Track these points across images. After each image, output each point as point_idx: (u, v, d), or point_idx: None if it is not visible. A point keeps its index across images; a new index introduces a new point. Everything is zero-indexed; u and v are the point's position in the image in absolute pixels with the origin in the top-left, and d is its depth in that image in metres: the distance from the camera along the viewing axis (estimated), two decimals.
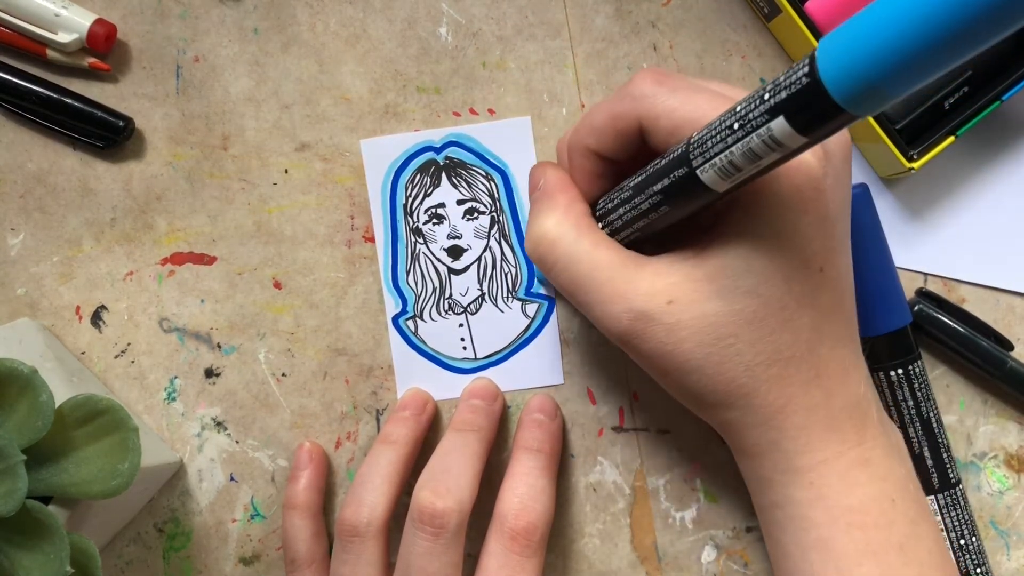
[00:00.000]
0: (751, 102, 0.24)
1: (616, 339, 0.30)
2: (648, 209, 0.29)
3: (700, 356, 0.29)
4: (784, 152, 0.24)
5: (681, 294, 0.28)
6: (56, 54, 0.38)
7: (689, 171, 0.26)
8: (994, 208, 0.38)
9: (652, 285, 0.29)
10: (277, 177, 0.39)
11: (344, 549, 0.34)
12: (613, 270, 0.29)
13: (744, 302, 0.28)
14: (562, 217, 0.31)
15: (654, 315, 0.29)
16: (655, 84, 0.29)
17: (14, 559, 0.29)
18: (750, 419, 0.30)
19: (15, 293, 0.39)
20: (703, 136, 0.26)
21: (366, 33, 0.39)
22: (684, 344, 0.29)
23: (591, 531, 0.39)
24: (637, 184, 0.29)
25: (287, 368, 0.39)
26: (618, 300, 0.29)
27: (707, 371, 0.29)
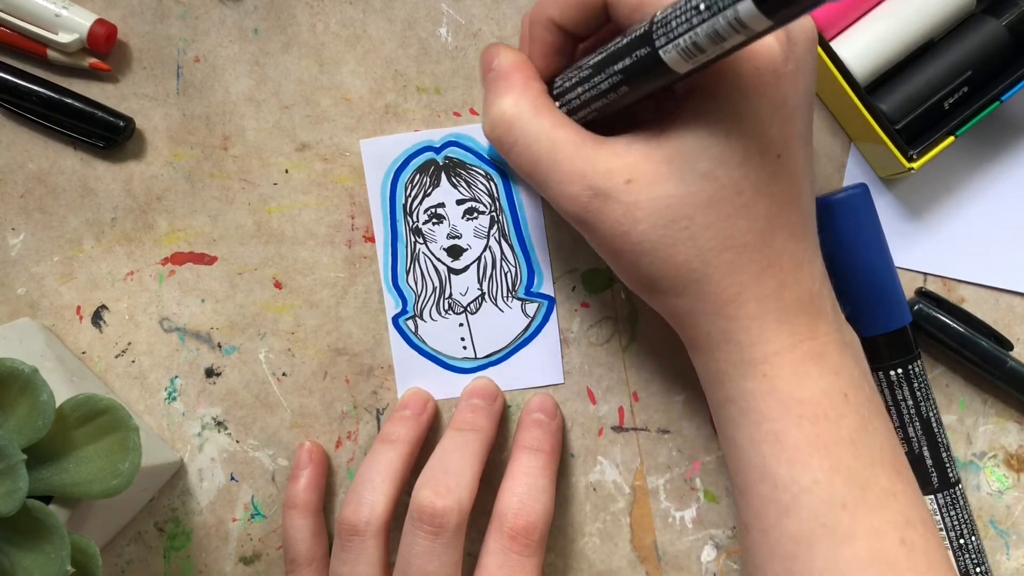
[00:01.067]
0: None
1: (573, 218, 0.30)
2: (608, 89, 0.29)
3: (654, 237, 0.28)
4: (749, 35, 0.24)
5: (639, 174, 0.28)
6: (56, 54, 0.38)
7: (651, 51, 0.26)
8: (994, 208, 0.38)
9: (610, 164, 0.29)
10: (277, 177, 0.39)
11: (344, 548, 0.34)
12: (571, 149, 0.29)
13: (700, 185, 0.28)
14: (519, 96, 0.31)
15: (612, 193, 0.28)
16: None
17: (14, 559, 0.29)
18: (701, 306, 0.29)
19: (15, 293, 0.39)
20: (667, 16, 0.25)
21: (366, 33, 0.39)
22: (640, 225, 0.28)
23: (591, 531, 0.39)
24: (597, 63, 0.29)
25: (287, 368, 0.39)
26: (576, 179, 0.29)
27: (660, 253, 0.29)
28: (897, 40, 0.36)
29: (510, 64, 0.32)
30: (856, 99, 0.35)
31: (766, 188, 0.28)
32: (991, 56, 0.36)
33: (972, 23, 0.36)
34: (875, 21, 0.36)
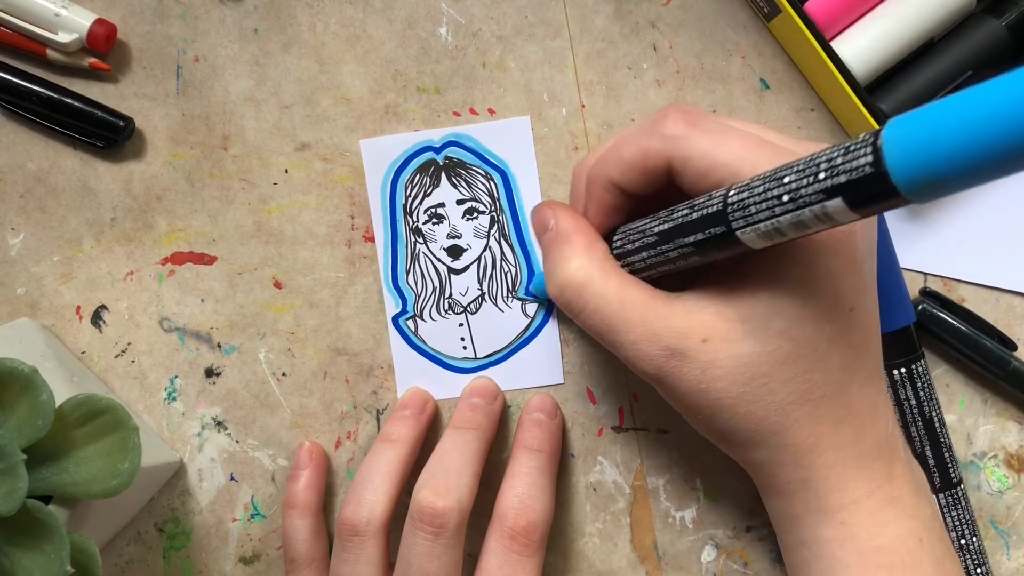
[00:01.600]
0: (803, 177, 0.23)
1: (650, 378, 0.30)
2: (676, 257, 0.29)
3: (733, 395, 0.28)
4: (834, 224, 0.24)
5: (715, 333, 0.28)
6: (56, 54, 0.38)
7: (727, 231, 0.26)
8: (994, 208, 0.38)
9: (685, 323, 0.29)
10: (277, 177, 0.39)
11: (344, 548, 0.34)
12: (644, 309, 0.29)
13: (777, 343, 0.28)
14: (586, 260, 0.31)
15: (689, 353, 0.28)
16: (687, 126, 0.29)
17: (14, 559, 0.29)
18: (780, 457, 0.29)
19: (15, 293, 0.39)
20: (744, 199, 0.25)
21: (366, 33, 0.39)
22: (718, 383, 0.28)
23: (591, 531, 0.39)
24: (664, 232, 0.29)
25: (287, 368, 0.39)
26: (651, 339, 0.29)
27: (739, 409, 0.29)
28: (897, 40, 0.36)
29: (570, 226, 0.32)
30: (856, 99, 0.35)
31: (841, 340, 0.29)
32: (991, 56, 0.36)
33: (972, 23, 0.36)
34: (875, 21, 0.36)
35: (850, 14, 0.36)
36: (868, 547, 0.29)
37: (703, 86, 0.39)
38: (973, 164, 0.18)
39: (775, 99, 0.39)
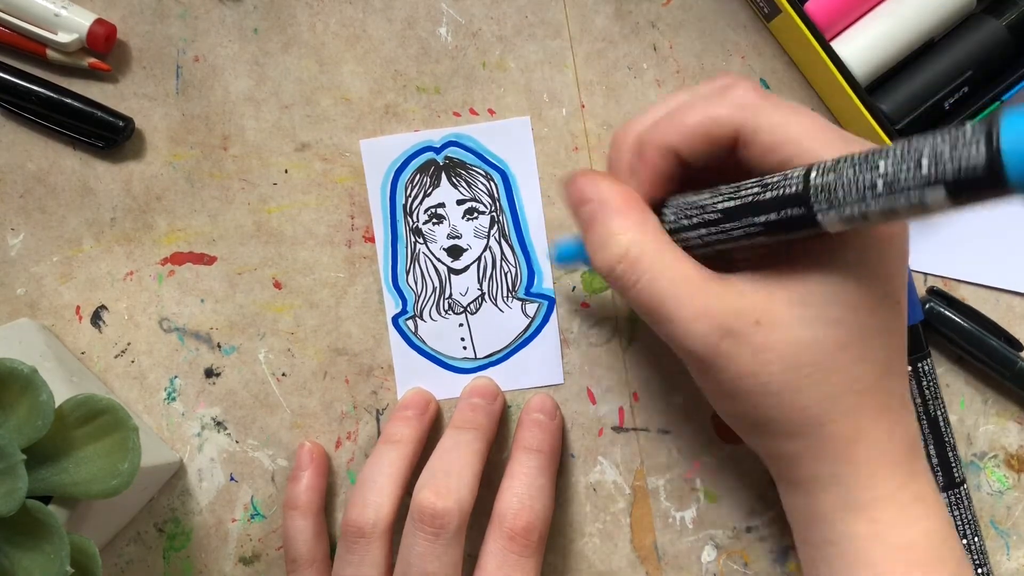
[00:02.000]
0: (902, 165, 0.23)
1: (699, 356, 0.29)
2: (741, 236, 0.28)
3: (781, 381, 0.28)
4: (927, 214, 0.23)
5: (768, 316, 0.28)
6: (56, 54, 0.38)
7: (807, 212, 0.26)
8: (994, 208, 0.38)
9: (739, 303, 0.28)
10: (277, 177, 0.39)
11: (349, 550, 0.34)
12: (699, 286, 0.28)
13: (829, 330, 0.27)
14: (639, 232, 0.29)
15: (743, 334, 0.28)
16: (759, 96, 0.28)
17: (14, 559, 0.29)
18: (816, 450, 0.29)
19: (15, 293, 0.39)
20: (830, 183, 0.25)
21: (366, 33, 0.39)
22: (769, 367, 0.28)
23: (591, 531, 0.39)
24: (729, 209, 0.28)
25: (287, 368, 0.39)
26: (705, 318, 0.28)
27: (785, 396, 0.28)
28: (897, 40, 0.36)
29: (620, 198, 0.30)
30: (856, 99, 0.35)
31: (886, 332, 0.28)
32: (991, 56, 0.36)
33: (972, 23, 0.36)
34: (875, 21, 0.36)
35: (850, 14, 0.36)
36: (896, 544, 0.29)
37: None
38: None
39: None
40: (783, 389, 0.28)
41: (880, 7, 0.36)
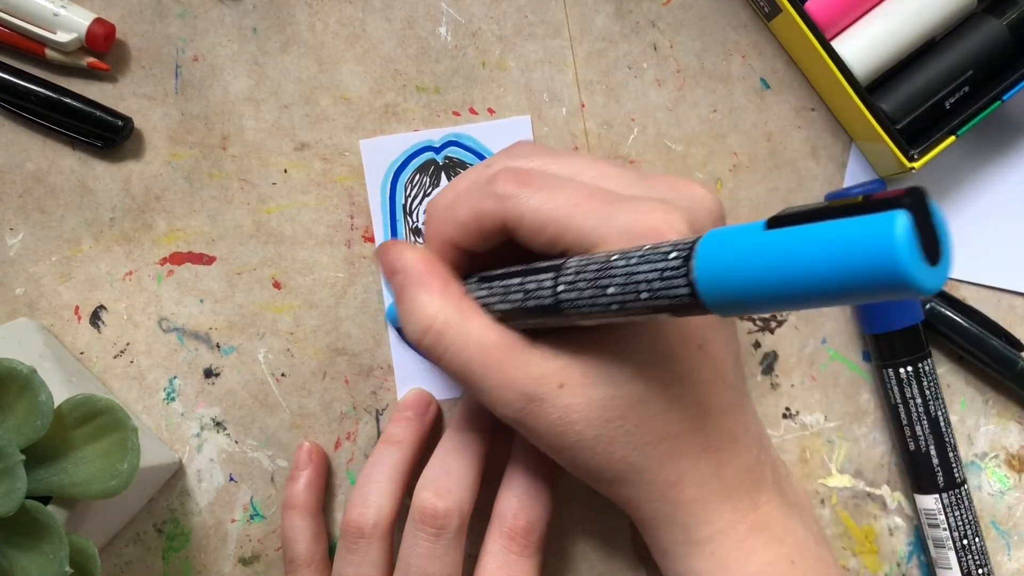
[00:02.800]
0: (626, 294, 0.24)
1: (509, 421, 0.30)
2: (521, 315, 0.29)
3: (591, 436, 0.29)
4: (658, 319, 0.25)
5: (569, 378, 0.29)
6: (55, 54, 0.38)
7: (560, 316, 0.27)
8: (994, 208, 0.38)
9: (542, 369, 0.29)
10: (276, 177, 0.39)
11: (349, 550, 0.34)
12: (502, 353, 0.29)
13: (629, 386, 0.28)
14: (442, 302, 0.30)
15: (546, 399, 0.29)
16: (518, 185, 0.29)
17: (13, 559, 0.29)
18: (645, 494, 0.30)
19: (14, 293, 0.39)
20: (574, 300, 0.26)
21: (365, 33, 0.39)
22: (575, 426, 0.29)
23: (591, 531, 0.39)
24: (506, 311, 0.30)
25: (287, 368, 0.39)
26: (509, 385, 0.29)
27: (599, 450, 0.29)
28: (898, 39, 0.36)
29: (422, 266, 0.31)
30: (857, 99, 0.35)
31: (691, 378, 0.29)
32: (992, 55, 0.35)
33: (973, 22, 0.36)
34: (876, 20, 0.36)
35: (850, 14, 0.36)
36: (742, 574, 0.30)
37: (703, 86, 0.39)
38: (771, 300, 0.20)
39: (775, 99, 0.39)
40: (595, 444, 0.29)
41: (880, 7, 0.36)
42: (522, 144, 0.33)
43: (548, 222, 0.28)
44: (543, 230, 0.28)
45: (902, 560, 0.38)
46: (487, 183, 0.30)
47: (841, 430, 0.39)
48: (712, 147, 0.39)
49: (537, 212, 0.28)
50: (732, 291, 0.21)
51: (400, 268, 0.31)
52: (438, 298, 0.30)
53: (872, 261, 0.18)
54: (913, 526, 0.38)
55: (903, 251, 0.17)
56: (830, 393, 0.39)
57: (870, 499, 0.38)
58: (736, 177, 0.39)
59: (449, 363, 0.30)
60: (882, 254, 0.18)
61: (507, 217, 0.29)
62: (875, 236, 0.18)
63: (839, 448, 0.39)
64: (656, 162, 0.39)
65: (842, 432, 0.39)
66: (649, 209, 0.27)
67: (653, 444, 0.29)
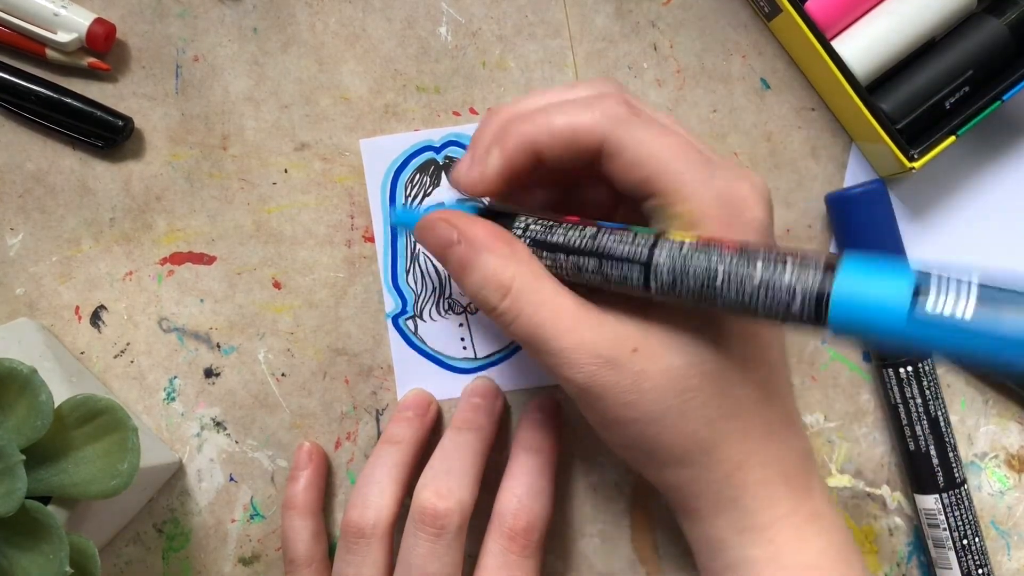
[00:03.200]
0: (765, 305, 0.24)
1: (579, 386, 0.29)
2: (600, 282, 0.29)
3: (663, 407, 0.28)
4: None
5: (645, 343, 0.28)
6: (55, 54, 0.38)
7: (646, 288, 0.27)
8: (994, 208, 0.38)
9: (616, 331, 0.28)
10: (277, 177, 0.39)
11: (349, 550, 0.34)
12: (576, 316, 0.28)
13: (706, 356, 0.28)
14: (515, 266, 0.29)
15: (620, 362, 0.28)
16: (629, 109, 0.28)
17: (13, 559, 0.29)
18: (707, 476, 0.29)
19: (14, 293, 0.39)
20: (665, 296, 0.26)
21: (365, 33, 0.39)
22: (649, 395, 0.28)
23: (591, 531, 0.39)
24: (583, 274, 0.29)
25: (287, 368, 0.39)
26: (584, 347, 0.28)
27: (668, 422, 0.28)
28: (898, 39, 0.36)
29: (491, 234, 0.30)
30: (857, 99, 0.35)
31: (766, 356, 0.29)
32: (992, 55, 0.35)
33: (973, 22, 0.36)
34: (876, 20, 0.36)
35: (850, 14, 0.36)
36: (795, 564, 0.29)
37: (703, 86, 0.39)
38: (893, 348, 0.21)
39: (775, 99, 0.39)
40: (666, 414, 0.28)
41: (880, 7, 0.36)
42: (612, 81, 0.31)
43: (650, 159, 0.27)
44: (642, 166, 0.27)
45: (902, 560, 0.38)
46: (595, 100, 0.28)
47: (841, 430, 0.39)
48: (712, 147, 0.39)
49: (643, 144, 0.27)
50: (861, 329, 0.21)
51: (455, 238, 0.30)
52: (511, 263, 0.29)
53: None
54: (913, 526, 0.38)
55: None
56: (830, 393, 0.39)
57: (870, 499, 0.39)
58: None
59: (522, 326, 0.29)
60: None
61: (610, 138, 0.28)
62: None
63: (839, 448, 0.39)
64: None
65: (842, 432, 0.39)
66: (741, 177, 0.27)
67: (725, 420, 0.28)
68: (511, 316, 0.29)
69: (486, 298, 0.29)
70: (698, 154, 0.28)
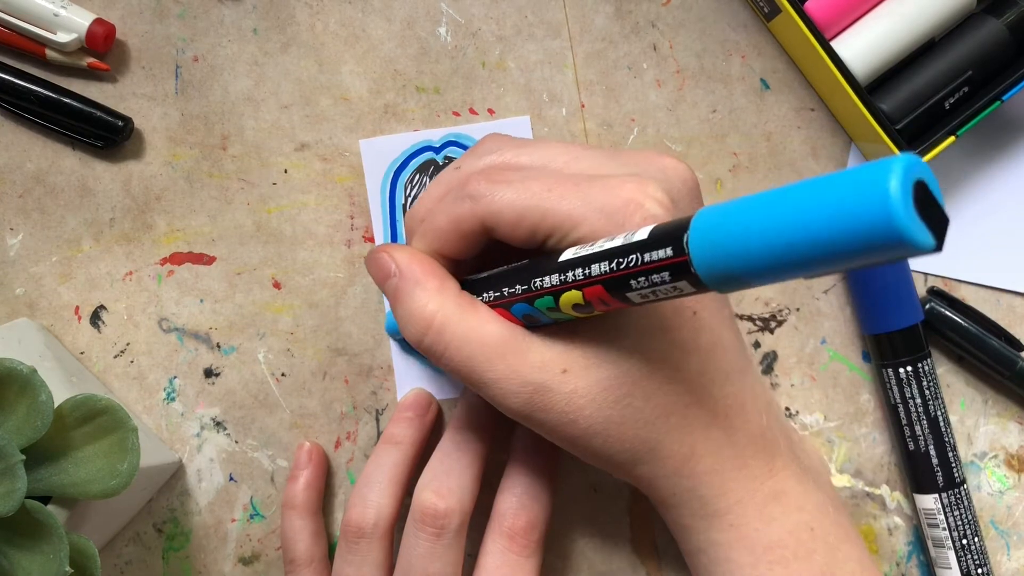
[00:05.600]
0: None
1: (516, 414, 0.29)
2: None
3: (601, 419, 0.29)
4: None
5: (572, 361, 0.28)
6: (55, 54, 0.38)
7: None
8: (994, 208, 0.38)
9: (543, 356, 0.29)
10: (276, 177, 0.39)
11: (349, 550, 0.34)
12: (503, 347, 0.29)
13: (630, 361, 0.28)
14: (440, 299, 0.30)
15: (551, 386, 0.28)
16: (490, 183, 0.29)
17: (13, 559, 0.29)
18: (660, 471, 0.30)
19: (14, 293, 0.39)
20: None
21: (365, 33, 0.39)
22: (584, 411, 0.28)
23: (591, 531, 0.39)
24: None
25: (287, 368, 0.39)
26: (514, 376, 0.29)
27: (611, 432, 0.29)
28: (897, 40, 0.36)
29: (416, 265, 0.30)
30: (856, 99, 0.35)
31: (691, 346, 0.29)
32: (992, 56, 0.35)
33: (973, 22, 0.36)
34: (875, 21, 0.36)
35: (850, 14, 0.36)
36: (759, 544, 0.30)
37: (703, 86, 0.39)
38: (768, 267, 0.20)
39: (775, 99, 0.39)
40: (607, 426, 0.29)
41: (880, 7, 0.36)
42: (489, 139, 0.32)
43: (525, 212, 0.28)
44: (521, 221, 0.28)
45: (901, 560, 0.38)
46: (460, 187, 0.30)
47: (841, 430, 0.39)
48: (712, 147, 0.39)
49: (513, 205, 0.28)
50: (728, 265, 0.21)
51: (393, 271, 0.31)
52: (436, 295, 0.30)
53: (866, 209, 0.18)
54: (912, 526, 0.38)
55: (896, 200, 0.17)
56: (830, 393, 0.39)
57: (870, 499, 0.39)
58: (736, 177, 0.39)
59: (451, 360, 0.30)
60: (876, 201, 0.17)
61: (484, 216, 0.29)
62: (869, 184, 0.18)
63: (839, 448, 0.39)
64: None
65: (842, 432, 0.39)
66: (622, 182, 0.27)
67: (663, 418, 0.29)
68: (439, 350, 0.30)
69: (411, 332, 0.30)
70: (569, 183, 0.28)
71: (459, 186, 0.30)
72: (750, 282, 0.21)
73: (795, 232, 0.19)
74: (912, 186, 0.17)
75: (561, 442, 0.30)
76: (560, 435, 0.30)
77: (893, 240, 0.17)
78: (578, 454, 0.31)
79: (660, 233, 0.23)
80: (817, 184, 0.19)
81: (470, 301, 0.30)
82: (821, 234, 0.18)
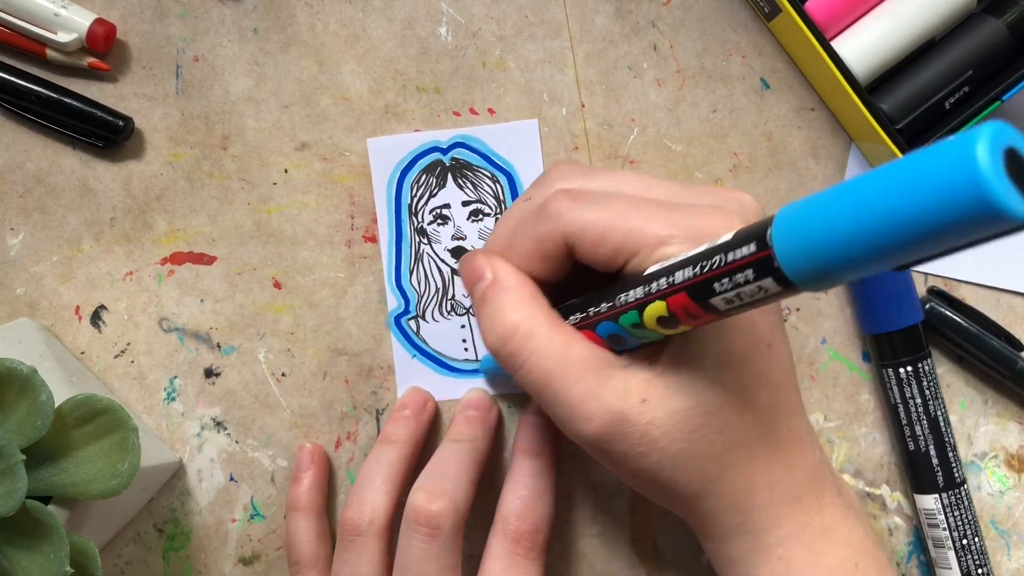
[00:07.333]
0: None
1: (589, 439, 0.29)
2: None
3: (674, 452, 0.28)
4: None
5: (653, 392, 0.28)
6: (56, 54, 0.38)
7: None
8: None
9: (626, 384, 0.28)
10: (277, 177, 0.39)
11: (346, 548, 0.34)
12: (586, 369, 0.29)
13: (708, 392, 0.28)
14: (530, 310, 0.30)
15: (630, 416, 0.28)
16: (572, 201, 0.29)
17: (14, 559, 0.29)
18: (716, 504, 0.29)
19: (14, 293, 0.39)
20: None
21: (366, 33, 0.39)
22: (658, 443, 0.28)
23: (591, 531, 0.39)
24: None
25: (287, 368, 0.39)
26: (591, 400, 0.28)
27: (680, 466, 0.28)
28: (898, 39, 0.36)
29: (512, 277, 0.31)
30: (857, 99, 0.35)
31: (765, 378, 0.29)
32: (992, 55, 0.36)
33: (973, 22, 0.36)
34: (876, 20, 0.36)
35: (850, 14, 0.36)
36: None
37: (703, 86, 0.39)
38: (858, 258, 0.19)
39: (775, 99, 0.39)
40: (678, 458, 0.28)
41: (880, 7, 0.36)
42: (557, 167, 0.32)
43: (609, 230, 0.28)
44: (604, 240, 0.28)
45: (902, 560, 0.38)
46: (539, 210, 0.30)
47: (841, 430, 0.39)
48: (712, 147, 0.39)
49: (597, 223, 0.28)
50: (813, 256, 0.20)
51: (487, 275, 0.31)
52: (526, 304, 0.30)
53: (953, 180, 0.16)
54: (913, 526, 0.38)
55: (985, 166, 0.16)
56: (830, 393, 0.39)
57: (870, 499, 0.39)
58: (736, 177, 0.39)
59: (529, 372, 0.29)
60: (964, 170, 0.16)
61: (567, 233, 0.29)
62: (956, 154, 0.16)
63: (839, 448, 0.39)
64: (656, 162, 0.39)
65: (842, 432, 0.39)
66: (709, 212, 0.27)
67: (731, 451, 0.28)
68: (519, 360, 0.29)
69: (493, 338, 0.30)
70: (650, 204, 0.28)
71: (537, 209, 0.30)
72: (835, 275, 0.20)
73: (882, 216, 0.18)
74: (1002, 153, 0.16)
75: (625, 474, 0.30)
76: (627, 467, 0.29)
77: (985, 210, 0.16)
78: (638, 487, 0.30)
79: (743, 232, 0.23)
80: (902, 163, 0.18)
81: (559, 318, 0.30)
82: (909, 214, 0.17)
